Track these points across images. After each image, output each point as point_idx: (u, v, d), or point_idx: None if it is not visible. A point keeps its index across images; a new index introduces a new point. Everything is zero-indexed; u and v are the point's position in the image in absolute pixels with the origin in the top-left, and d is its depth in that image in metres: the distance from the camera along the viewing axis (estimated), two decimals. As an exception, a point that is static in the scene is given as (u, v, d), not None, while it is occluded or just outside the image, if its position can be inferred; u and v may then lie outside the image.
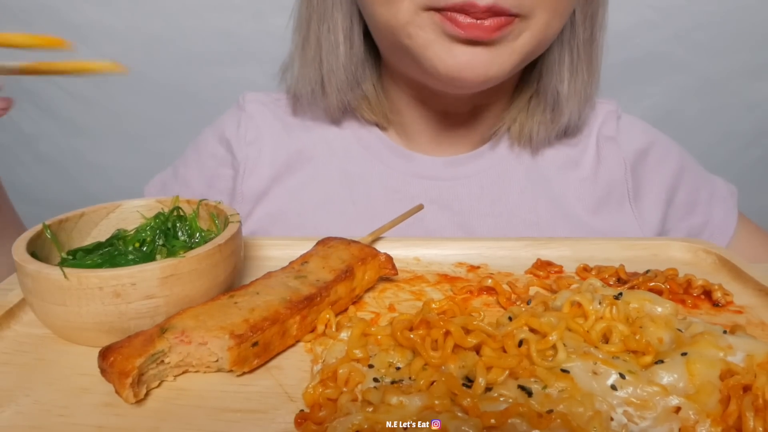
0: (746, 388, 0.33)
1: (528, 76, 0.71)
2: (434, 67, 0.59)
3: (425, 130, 0.74)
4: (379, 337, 0.38)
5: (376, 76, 0.73)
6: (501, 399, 0.32)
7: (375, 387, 0.34)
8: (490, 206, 0.72)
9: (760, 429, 0.30)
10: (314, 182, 0.73)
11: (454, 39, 0.57)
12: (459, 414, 0.31)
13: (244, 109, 0.77)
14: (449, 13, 0.55)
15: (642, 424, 0.32)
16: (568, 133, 0.75)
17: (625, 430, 0.31)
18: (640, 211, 0.74)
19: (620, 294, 0.41)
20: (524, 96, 0.72)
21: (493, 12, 0.54)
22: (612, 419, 0.32)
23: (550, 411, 0.31)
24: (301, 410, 0.34)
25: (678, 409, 0.32)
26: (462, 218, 0.71)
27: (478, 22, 0.55)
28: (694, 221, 0.76)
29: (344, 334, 0.40)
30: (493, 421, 0.30)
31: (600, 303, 0.40)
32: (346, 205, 0.72)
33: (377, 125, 0.75)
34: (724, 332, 0.37)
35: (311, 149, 0.75)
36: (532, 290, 0.49)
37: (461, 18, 0.55)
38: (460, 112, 0.72)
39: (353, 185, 0.73)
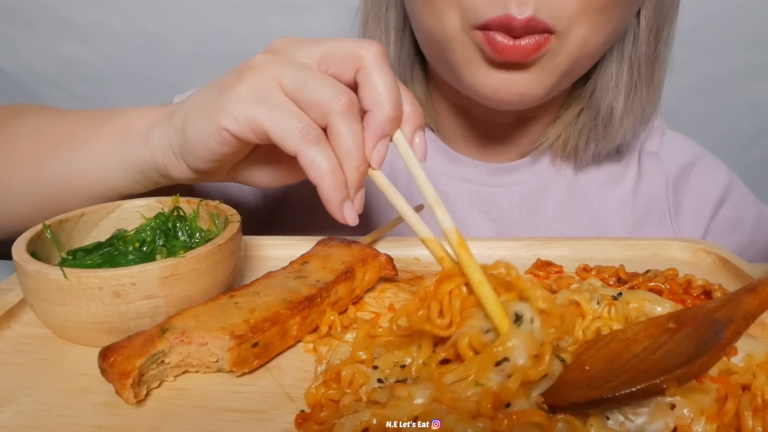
0: (745, 388, 0.33)
1: (579, 90, 0.69)
2: (472, 86, 0.60)
3: (467, 138, 0.74)
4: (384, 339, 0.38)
5: (423, 78, 0.73)
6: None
7: (380, 387, 0.34)
8: (529, 217, 0.72)
9: (759, 429, 0.30)
10: None
11: (491, 62, 0.57)
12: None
13: None
14: (490, 33, 0.55)
15: (637, 420, 0.31)
16: (619, 152, 0.73)
17: (622, 428, 0.31)
18: (681, 227, 0.73)
19: (620, 294, 0.41)
20: (573, 110, 0.70)
21: (530, 27, 0.54)
22: (608, 418, 0.32)
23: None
24: (302, 410, 0.34)
25: (672, 407, 0.32)
26: (500, 226, 0.71)
27: (515, 43, 0.54)
28: (739, 239, 0.75)
29: (349, 336, 0.40)
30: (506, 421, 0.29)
31: (599, 303, 0.40)
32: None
33: (426, 125, 0.75)
34: None
35: None
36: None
37: (500, 38, 0.54)
38: (502, 123, 0.72)
39: (397, 180, 0.73)
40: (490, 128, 0.72)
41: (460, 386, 0.32)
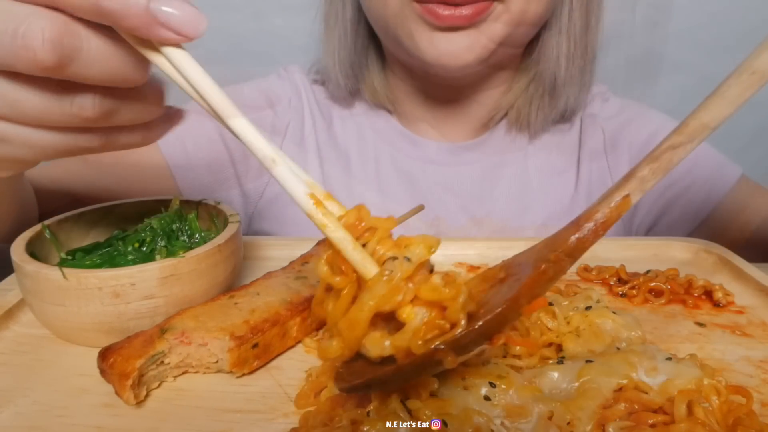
0: (658, 411, 0.32)
1: (527, 62, 0.74)
2: (418, 54, 0.64)
3: (425, 116, 0.77)
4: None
5: (380, 64, 0.77)
6: None
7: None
8: (489, 191, 0.76)
9: None
10: (337, 160, 0.78)
11: (433, 27, 0.61)
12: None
13: (288, 78, 0.81)
14: (429, 5, 0.59)
15: None
16: (564, 117, 0.77)
17: None
18: (616, 164, 0.76)
19: (589, 308, 0.41)
20: (523, 81, 0.74)
21: None
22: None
23: None
24: (308, 410, 0.34)
25: (551, 414, 0.31)
26: (463, 201, 0.75)
27: (456, 12, 0.58)
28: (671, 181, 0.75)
29: None
30: None
31: (566, 317, 0.40)
32: (363, 185, 0.77)
33: (385, 108, 0.79)
34: (669, 359, 0.35)
35: (335, 130, 0.79)
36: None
37: (440, 10, 0.58)
38: (458, 98, 0.75)
39: (367, 167, 0.78)
40: (447, 105, 0.76)
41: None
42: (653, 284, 0.48)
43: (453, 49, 0.61)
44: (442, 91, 0.74)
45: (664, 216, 0.77)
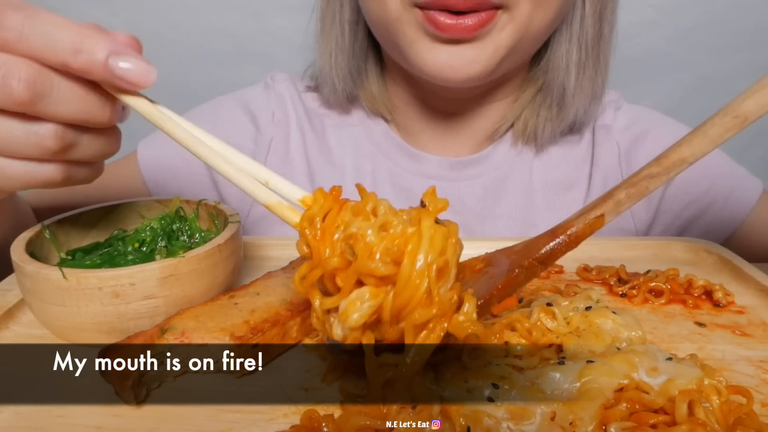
0: (659, 411, 0.32)
1: (534, 72, 0.71)
2: (417, 65, 0.60)
3: (426, 129, 0.74)
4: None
5: (379, 70, 0.74)
6: None
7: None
8: (491, 208, 0.73)
9: None
10: (330, 174, 0.75)
11: (435, 38, 0.57)
12: None
13: (274, 88, 0.78)
14: (431, 12, 0.55)
15: None
16: (574, 129, 0.74)
17: None
18: None
19: (589, 308, 0.41)
20: (529, 92, 0.71)
21: (474, 4, 0.54)
22: None
23: None
24: (310, 408, 0.34)
25: (554, 415, 0.31)
26: (463, 218, 0.72)
27: (459, 22, 0.55)
28: (694, 202, 0.73)
29: None
30: None
31: (566, 317, 0.40)
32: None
33: (383, 117, 0.77)
34: (669, 359, 0.35)
35: (329, 141, 0.76)
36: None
37: (442, 18, 0.55)
38: (461, 111, 0.72)
39: (363, 181, 0.74)
40: (449, 117, 0.73)
41: None
42: (653, 284, 0.48)
43: (455, 62, 0.57)
44: (444, 103, 0.71)
45: (683, 235, 0.74)
